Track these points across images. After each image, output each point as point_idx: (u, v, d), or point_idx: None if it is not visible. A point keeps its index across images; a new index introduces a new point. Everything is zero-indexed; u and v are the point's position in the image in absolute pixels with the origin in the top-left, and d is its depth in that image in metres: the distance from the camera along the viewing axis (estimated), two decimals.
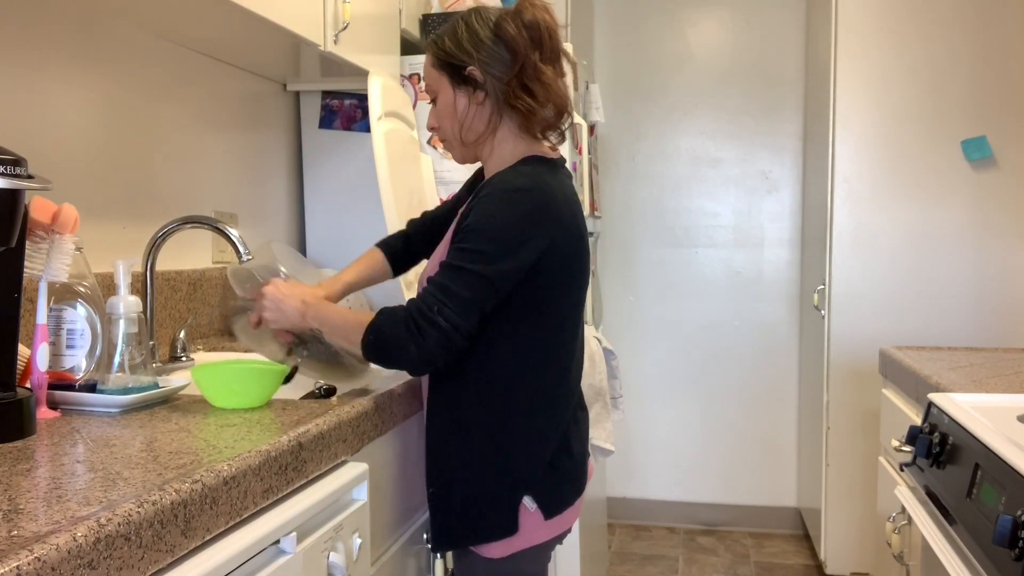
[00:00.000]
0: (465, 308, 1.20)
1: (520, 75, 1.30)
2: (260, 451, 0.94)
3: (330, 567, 1.06)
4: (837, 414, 2.89)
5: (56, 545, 0.65)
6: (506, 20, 1.31)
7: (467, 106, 1.34)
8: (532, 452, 1.30)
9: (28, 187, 1.01)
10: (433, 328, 1.18)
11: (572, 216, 1.31)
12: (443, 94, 1.36)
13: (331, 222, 2.45)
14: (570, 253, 1.29)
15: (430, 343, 1.18)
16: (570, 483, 1.36)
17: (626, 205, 3.65)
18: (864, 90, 2.80)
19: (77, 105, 1.61)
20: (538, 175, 1.29)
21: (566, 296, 1.32)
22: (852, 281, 2.84)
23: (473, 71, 1.31)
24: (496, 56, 1.30)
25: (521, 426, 1.30)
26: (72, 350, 1.21)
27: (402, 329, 1.19)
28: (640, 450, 3.67)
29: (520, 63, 1.30)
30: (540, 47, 1.31)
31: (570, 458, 1.35)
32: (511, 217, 1.23)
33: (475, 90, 1.33)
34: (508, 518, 1.29)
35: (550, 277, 1.27)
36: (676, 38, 3.57)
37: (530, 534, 1.31)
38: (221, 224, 1.58)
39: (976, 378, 1.63)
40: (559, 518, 1.34)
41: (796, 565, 3.18)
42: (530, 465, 1.30)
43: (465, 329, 1.20)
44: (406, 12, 2.42)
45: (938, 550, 1.25)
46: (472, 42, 1.31)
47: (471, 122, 1.35)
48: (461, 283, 1.20)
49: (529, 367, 1.30)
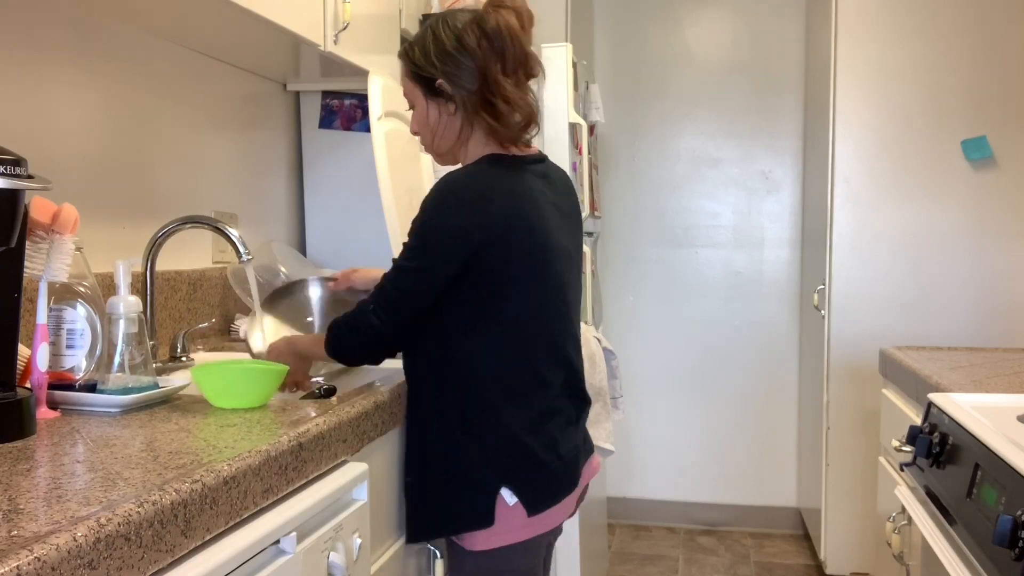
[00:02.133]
0: (394, 306, 1.30)
1: (483, 89, 1.33)
2: (260, 451, 0.94)
3: (330, 567, 1.06)
4: (837, 414, 2.89)
5: (56, 545, 0.65)
6: (468, 31, 1.33)
7: (439, 117, 1.38)
8: (509, 445, 1.31)
9: (28, 187, 1.01)
10: (369, 328, 1.31)
11: (518, 211, 1.31)
12: (418, 104, 1.40)
13: (331, 222, 2.45)
14: (516, 246, 1.30)
15: (367, 340, 1.32)
16: (557, 481, 1.36)
17: (626, 205, 3.64)
18: (864, 90, 2.80)
19: (77, 105, 1.61)
20: (481, 172, 1.32)
21: (521, 292, 1.32)
22: (852, 281, 2.84)
23: (442, 84, 1.35)
24: (461, 67, 1.33)
25: (493, 418, 1.32)
26: (72, 350, 1.21)
27: (344, 331, 1.34)
28: (640, 450, 3.67)
29: (482, 77, 1.33)
30: (502, 58, 1.33)
31: (557, 456, 1.35)
32: (442, 212, 1.29)
33: (446, 102, 1.36)
34: (483, 509, 1.31)
35: (498, 271, 1.29)
36: (676, 38, 3.57)
37: (514, 530, 1.32)
38: (221, 224, 1.58)
39: (976, 378, 1.63)
40: (544, 516, 1.34)
41: (796, 565, 3.18)
42: (508, 458, 1.32)
43: (394, 325, 1.31)
44: (406, 12, 2.42)
45: (938, 550, 1.25)
46: (438, 54, 1.34)
47: (443, 131, 1.39)
48: (394, 281, 1.31)
49: (492, 361, 1.32)
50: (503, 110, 1.33)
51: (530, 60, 1.38)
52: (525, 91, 1.37)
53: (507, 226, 1.29)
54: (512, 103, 1.34)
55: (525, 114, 1.36)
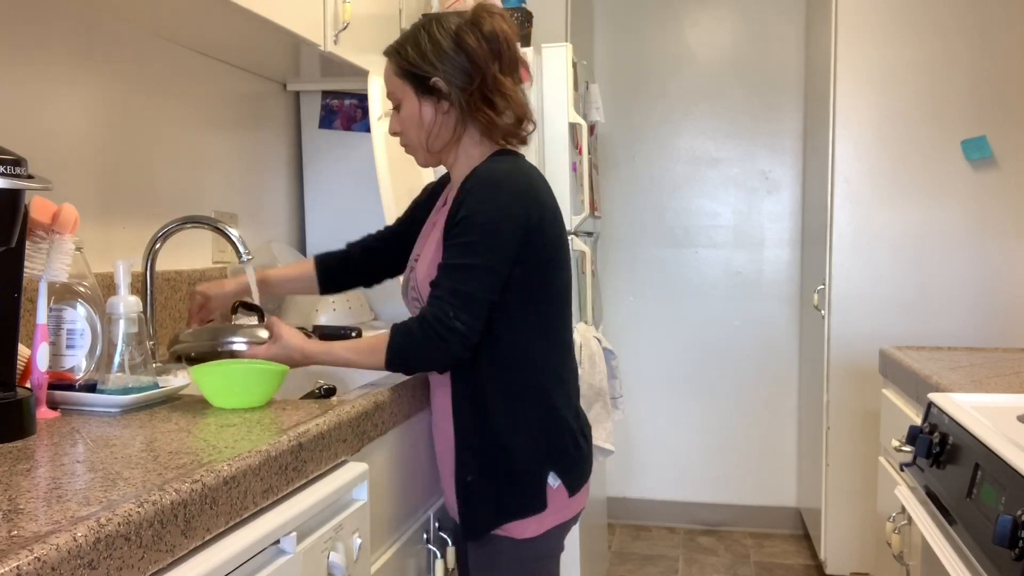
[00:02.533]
0: (478, 306, 1.28)
1: (481, 87, 1.35)
2: (260, 451, 0.94)
3: (330, 567, 1.06)
4: (837, 414, 2.89)
5: (56, 545, 0.65)
6: (466, 31, 1.34)
7: (433, 116, 1.38)
8: (553, 430, 1.37)
9: (28, 187, 1.01)
10: (453, 334, 1.26)
11: (552, 198, 1.40)
12: (407, 103, 1.39)
13: (331, 222, 2.45)
14: (557, 233, 1.38)
15: (455, 347, 1.27)
16: (585, 462, 1.44)
17: (626, 205, 3.64)
18: (864, 90, 2.80)
19: (77, 105, 1.61)
20: (516, 163, 1.38)
21: (558, 274, 1.39)
22: (852, 281, 2.84)
23: (438, 82, 1.35)
24: (459, 67, 1.34)
25: (538, 405, 1.36)
26: (72, 350, 1.21)
27: (422, 341, 1.27)
28: (640, 450, 3.67)
29: (481, 75, 1.34)
30: (499, 58, 1.36)
31: (585, 439, 1.44)
32: (500, 204, 1.29)
33: (440, 100, 1.36)
34: (538, 494, 1.36)
35: (541, 256, 1.34)
36: (676, 38, 3.57)
37: (559, 511, 1.38)
38: (221, 224, 1.58)
39: (976, 378, 1.63)
40: (578, 496, 1.42)
41: (796, 565, 3.18)
42: (553, 443, 1.37)
43: (478, 326, 1.28)
44: (406, 12, 2.42)
45: (938, 550, 1.25)
46: (435, 53, 1.35)
47: (438, 131, 1.39)
48: (468, 282, 1.27)
49: (536, 347, 1.36)
50: (501, 107, 1.36)
51: (520, 66, 1.41)
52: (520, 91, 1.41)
53: (544, 214, 1.34)
54: (510, 100, 1.36)
55: (519, 112, 1.39)
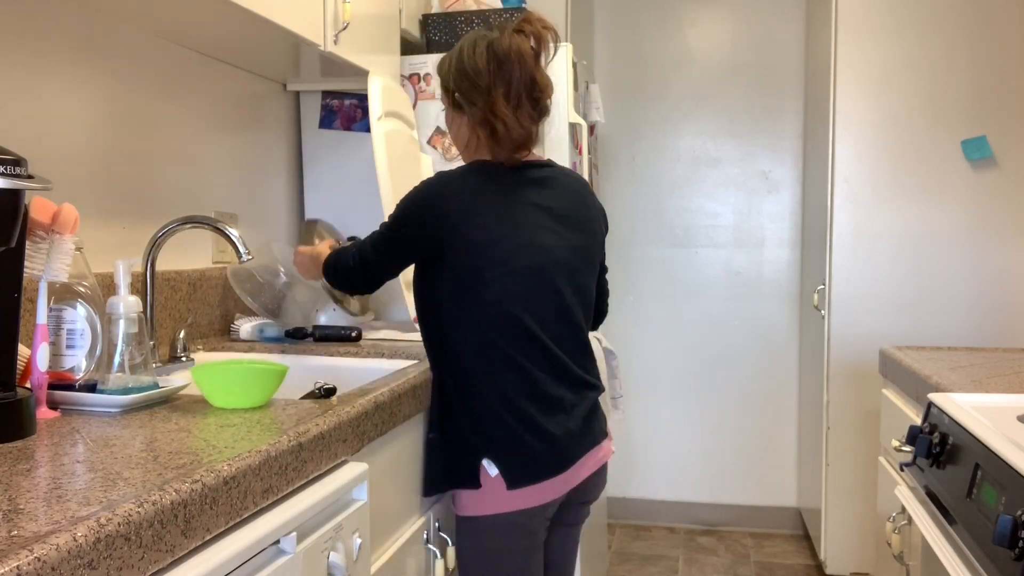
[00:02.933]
0: (367, 259, 1.51)
1: (485, 110, 1.46)
2: (260, 451, 0.94)
3: (330, 567, 1.06)
4: (837, 414, 2.89)
5: (56, 545, 0.65)
6: (483, 56, 1.45)
7: (455, 125, 1.54)
8: (491, 418, 1.44)
9: (28, 187, 1.01)
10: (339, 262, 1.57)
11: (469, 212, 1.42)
12: (446, 110, 1.57)
13: (331, 222, 2.45)
14: (475, 240, 1.41)
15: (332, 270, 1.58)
16: (540, 462, 1.44)
17: (626, 205, 3.65)
18: (864, 90, 2.80)
19: (77, 105, 1.61)
20: (452, 174, 1.46)
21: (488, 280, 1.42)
22: (852, 281, 2.84)
23: (459, 97, 1.50)
24: (474, 87, 1.46)
25: (475, 391, 1.45)
26: (72, 350, 1.21)
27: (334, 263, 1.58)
28: (640, 450, 3.67)
29: (484, 98, 1.46)
30: (507, 83, 1.44)
31: (541, 439, 1.43)
32: (409, 199, 1.46)
33: (461, 113, 1.51)
34: (470, 471, 1.45)
35: (462, 259, 1.42)
36: (676, 38, 3.57)
37: (496, 501, 1.43)
38: (221, 224, 1.58)
39: (976, 378, 1.63)
40: (524, 491, 1.43)
41: (796, 565, 3.18)
42: (490, 430, 1.44)
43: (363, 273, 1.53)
44: (406, 12, 2.42)
45: (938, 550, 1.25)
46: (456, 71, 1.49)
47: (455, 136, 1.56)
48: (372, 241, 1.51)
49: (470, 339, 1.44)
50: (500, 131, 1.45)
51: (536, 86, 1.47)
52: (526, 115, 1.46)
53: (460, 222, 1.41)
54: (509, 127, 1.44)
55: (522, 138, 1.47)
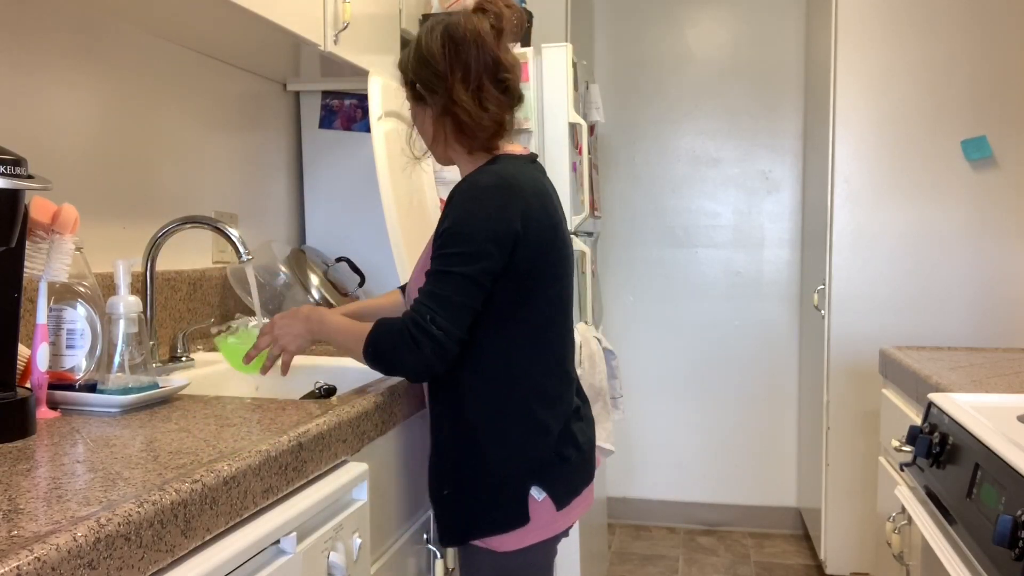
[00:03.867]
0: (456, 313, 1.25)
1: (444, 98, 1.35)
2: (260, 451, 0.94)
3: (330, 567, 1.06)
4: (837, 414, 2.89)
5: (56, 545, 0.65)
6: (436, 39, 1.35)
7: (420, 119, 1.42)
8: (537, 443, 1.33)
9: (28, 187, 1.01)
10: (427, 338, 1.23)
11: (542, 207, 1.34)
12: (410, 106, 1.44)
13: (331, 222, 2.45)
14: (545, 242, 1.33)
15: (426, 352, 1.23)
16: (578, 473, 1.39)
17: (626, 205, 3.64)
18: (864, 90, 2.80)
19: (77, 105, 1.61)
20: (504, 171, 1.33)
21: (548, 286, 1.35)
22: (852, 281, 2.84)
23: (419, 87, 1.38)
24: (434, 74, 1.36)
25: (523, 418, 1.32)
26: (72, 350, 1.21)
27: (398, 340, 1.25)
28: (640, 450, 3.67)
29: (444, 85, 1.35)
30: (465, 67, 1.34)
31: (576, 449, 1.38)
32: (483, 214, 1.27)
33: (425, 105, 1.39)
34: (519, 508, 1.32)
35: (528, 268, 1.31)
36: (676, 38, 3.57)
37: (545, 525, 1.34)
38: (221, 224, 1.58)
39: (976, 378, 1.63)
40: (569, 509, 1.37)
41: (796, 565, 3.18)
42: (537, 455, 1.33)
43: (457, 334, 1.25)
44: (406, 12, 2.42)
45: (938, 550, 1.25)
46: (415, 60, 1.38)
47: (421, 132, 1.44)
48: (449, 288, 1.25)
49: (521, 359, 1.33)
50: (465, 121, 1.34)
51: (501, 66, 1.36)
52: (489, 99, 1.35)
53: (534, 223, 1.31)
54: (471, 115, 1.34)
55: (492, 122, 1.36)
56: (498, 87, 1.36)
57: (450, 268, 1.25)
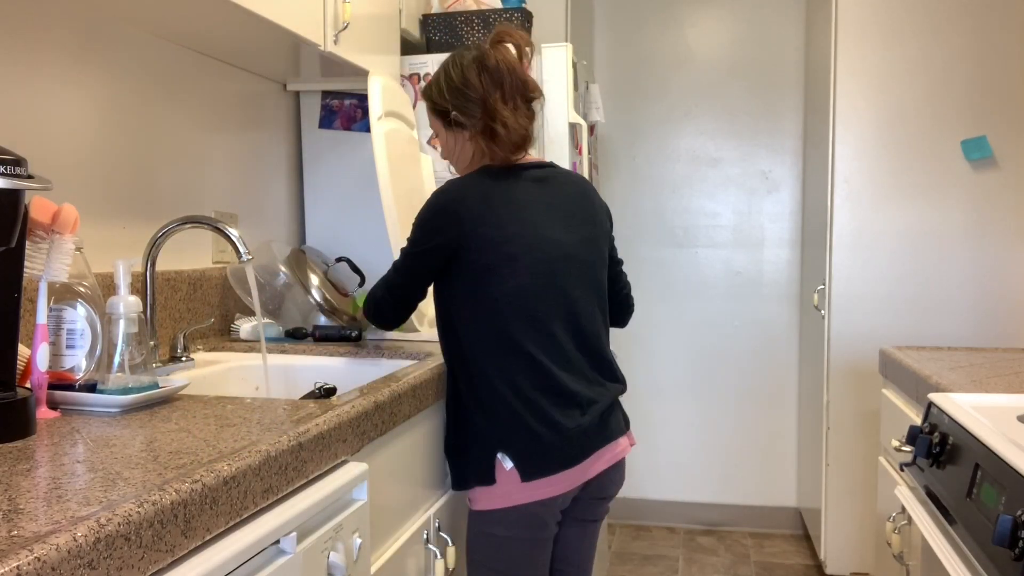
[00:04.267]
0: (393, 282, 1.57)
1: (485, 117, 1.55)
2: (260, 451, 0.94)
3: (330, 567, 1.06)
4: (837, 414, 2.89)
5: (56, 545, 0.65)
6: (472, 69, 1.55)
7: (455, 143, 1.62)
8: (506, 414, 1.49)
9: (28, 187, 1.01)
10: (371, 300, 1.62)
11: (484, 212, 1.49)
12: (440, 134, 1.64)
13: (331, 222, 2.45)
14: (490, 240, 1.48)
15: (369, 310, 1.63)
16: (553, 455, 1.50)
17: (626, 205, 3.65)
18: (864, 90, 2.80)
19: (77, 105, 1.61)
20: (461, 181, 1.53)
21: (502, 276, 1.49)
22: (852, 281, 2.84)
23: (456, 116, 1.57)
24: (468, 100, 1.55)
25: (489, 389, 1.51)
26: (72, 350, 1.21)
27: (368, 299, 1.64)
28: (640, 450, 3.67)
29: (484, 105, 1.55)
30: (501, 87, 1.55)
31: (553, 431, 1.49)
32: (424, 213, 1.52)
33: (460, 130, 1.59)
34: (485, 468, 1.51)
35: (476, 259, 1.48)
36: (676, 38, 3.57)
37: (509, 493, 1.49)
38: (221, 224, 1.58)
39: (976, 378, 1.63)
40: (537, 483, 1.49)
41: (796, 565, 3.18)
42: (505, 425, 1.49)
43: (392, 299, 1.58)
44: (406, 12, 2.42)
45: (938, 550, 1.25)
46: (450, 90, 1.57)
47: (459, 156, 1.62)
48: (396, 263, 1.57)
49: (482, 339, 1.51)
50: (501, 134, 1.54)
51: (528, 86, 1.59)
52: (522, 115, 1.57)
53: (477, 222, 1.48)
54: (509, 128, 1.54)
55: (520, 136, 1.56)
56: (526, 105, 1.59)
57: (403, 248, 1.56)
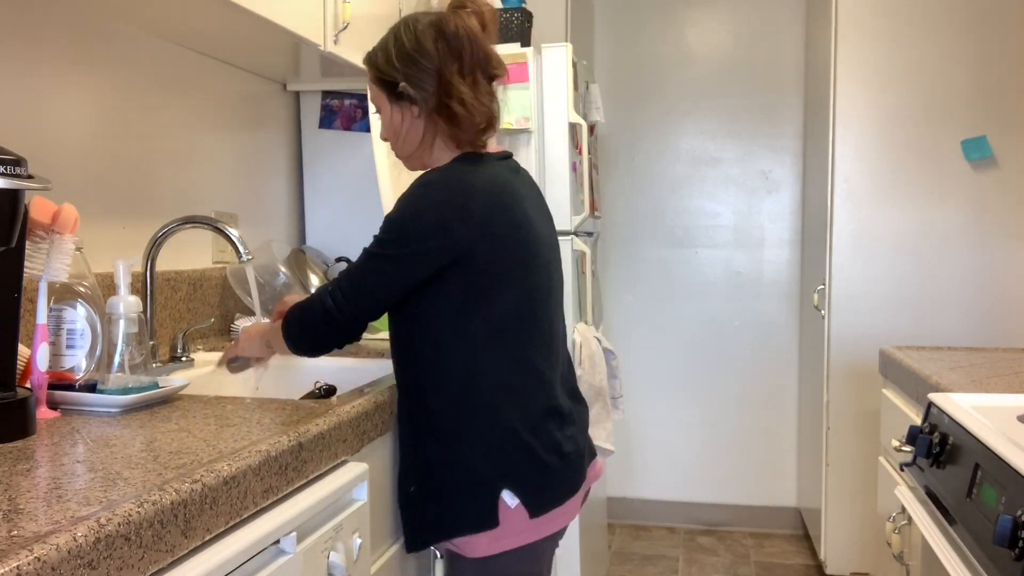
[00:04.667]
0: (355, 290, 1.27)
1: (439, 92, 1.33)
2: (260, 451, 0.94)
3: (330, 567, 1.06)
4: (837, 414, 2.89)
5: (56, 545, 0.65)
6: (427, 34, 1.33)
7: (402, 120, 1.37)
8: (508, 446, 1.29)
9: (28, 187, 1.01)
10: (321, 310, 1.28)
11: (501, 203, 1.30)
12: (384, 109, 1.40)
13: (331, 222, 2.45)
14: (505, 239, 1.29)
15: (317, 320, 1.28)
16: (561, 483, 1.34)
17: (626, 205, 3.64)
18: (864, 90, 2.80)
19: (77, 105, 1.61)
20: (453, 170, 1.30)
21: (514, 283, 1.30)
22: (852, 281, 2.84)
23: (404, 87, 1.34)
24: (421, 70, 1.33)
25: (492, 417, 1.29)
26: (72, 350, 1.21)
27: (298, 315, 1.31)
28: (640, 450, 3.67)
29: (439, 79, 1.32)
30: (459, 60, 1.33)
31: (559, 457, 1.33)
32: (419, 207, 1.26)
33: (409, 104, 1.36)
34: (486, 510, 1.28)
35: (489, 265, 1.27)
36: (676, 38, 3.57)
37: (517, 533, 1.30)
38: (221, 224, 1.58)
39: (976, 378, 1.63)
40: (547, 518, 1.32)
41: (796, 565, 3.18)
42: (509, 458, 1.29)
43: (350, 310, 1.27)
44: (406, 12, 2.41)
45: (938, 550, 1.25)
46: (400, 57, 1.34)
47: (406, 134, 1.38)
48: (361, 267, 1.27)
49: (489, 358, 1.29)
50: (459, 112, 1.32)
51: (491, 61, 1.37)
52: (483, 93, 1.35)
53: (491, 219, 1.27)
54: (467, 106, 1.32)
55: (484, 117, 1.35)
56: (489, 82, 1.36)
57: (372, 249, 1.27)
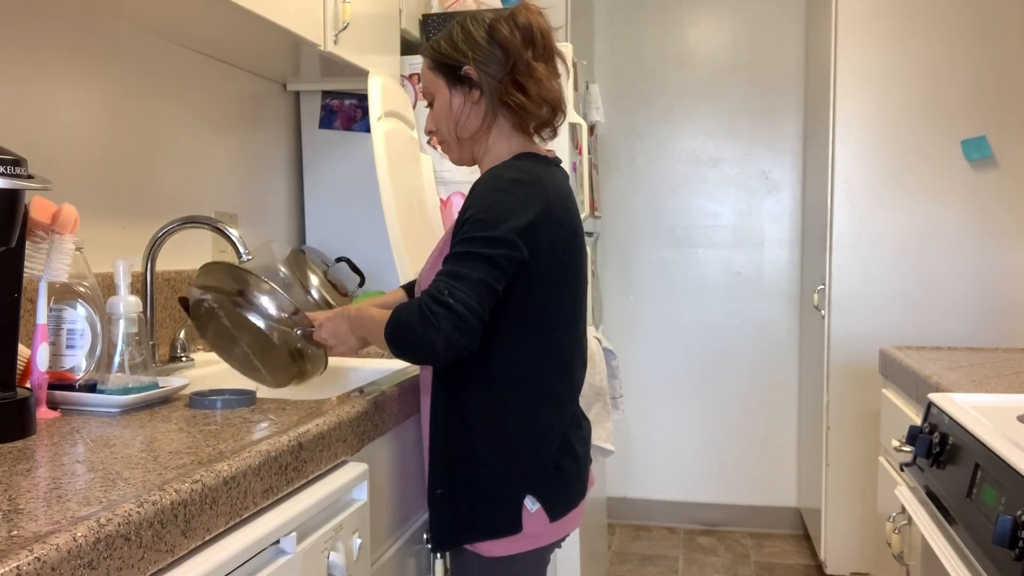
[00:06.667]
0: (475, 288, 1.18)
1: (513, 72, 1.34)
2: (260, 451, 0.94)
3: (330, 567, 1.06)
4: (837, 414, 2.89)
5: (56, 545, 0.65)
6: (500, 22, 1.35)
7: (462, 104, 1.37)
8: (535, 452, 1.31)
9: (28, 187, 1.01)
10: (446, 310, 1.16)
11: (564, 210, 1.33)
12: (440, 94, 1.39)
13: (331, 222, 2.45)
14: (562, 247, 1.31)
15: (444, 326, 1.15)
16: (575, 486, 1.37)
17: (626, 205, 3.64)
18: (864, 90, 2.80)
19: (77, 105, 1.61)
20: (531, 168, 1.32)
21: (561, 291, 1.33)
22: (852, 281, 2.84)
23: (468, 70, 1.35)
24: (490, 55, 1.34)
25: (522, 424, 1.30)
26: (72, 350, 1.21)
27: (416, 317, 1.17)
28: (640, 450, 3.67)
29: (513, 61, 1.33)
30: (532, 45, 1.35)
31: (574, 460, 1.36)
32: (508, 204, 1.25)
33: (471, 89, 1.36)
34: (511, 516, 1.29)
35: (544, 268, 1.28)
36: (676, 38, 3.57)
37: (534, 536, 1.31)
38: (221, 224, 1.58)
39: (976, 378, 1.63)
40: (563, 521, 1.34)
41: (796, 565, 3.18)
42: (533, 465, 1.31)
43: (477, 309, 1.18)
44: (406, 12, 2.41)
45: (938, 550, 1.25)
46: (467, 43, 1.35)
47: (466, 120, 1.37)
48: (469, 267, 1.20)
49: (528, 364, 1.30)
50: (533, 92, 1.33)
51: (558, 56, 1.40)
52: (555, 76, 1.37)
53: (553, 223, 1.29)
54: (542, 85, 1.34)
55: (552, 100, 1.36)
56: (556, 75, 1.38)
57: (472, 249, 1.21)
